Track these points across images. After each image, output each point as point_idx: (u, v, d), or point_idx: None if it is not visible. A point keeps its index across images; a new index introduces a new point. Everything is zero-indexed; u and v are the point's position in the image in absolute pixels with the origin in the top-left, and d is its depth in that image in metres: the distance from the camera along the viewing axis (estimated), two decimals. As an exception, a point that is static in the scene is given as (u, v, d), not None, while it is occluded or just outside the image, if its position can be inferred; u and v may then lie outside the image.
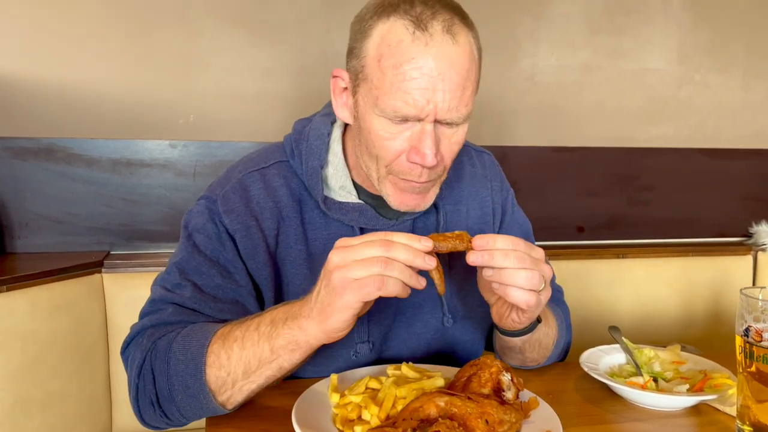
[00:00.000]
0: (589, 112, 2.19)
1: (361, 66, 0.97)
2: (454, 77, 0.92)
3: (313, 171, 1.08)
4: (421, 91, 0.91)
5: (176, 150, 1.81)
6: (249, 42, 1.87)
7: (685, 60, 2.25)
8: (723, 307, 2.10)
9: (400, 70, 0.91)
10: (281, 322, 0.90)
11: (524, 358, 1.14)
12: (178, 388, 0.93)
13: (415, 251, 0.84)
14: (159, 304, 1.03)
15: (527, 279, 0.89)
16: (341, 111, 1.06)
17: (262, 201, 1.08)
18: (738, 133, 2.33)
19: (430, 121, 0.94)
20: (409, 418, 0.84)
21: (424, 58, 0.91)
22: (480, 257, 0.89)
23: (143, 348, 0.98)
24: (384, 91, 0.93)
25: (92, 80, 1.77)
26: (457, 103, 0.94)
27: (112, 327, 1.62)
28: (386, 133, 0.96)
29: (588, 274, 2.00)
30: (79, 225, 1.76)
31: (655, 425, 0.97)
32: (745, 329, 0.91)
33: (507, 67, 2.10)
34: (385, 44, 0.93)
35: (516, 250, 0.89)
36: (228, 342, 0.92)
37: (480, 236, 0.90)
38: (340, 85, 1.04)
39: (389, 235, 0.85)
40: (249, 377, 0.92)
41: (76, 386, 1.54)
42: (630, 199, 2.23)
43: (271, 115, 1.89)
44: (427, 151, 0.94)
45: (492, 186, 1.26)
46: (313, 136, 1.10)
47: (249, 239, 1.06)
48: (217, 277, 1.05)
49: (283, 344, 0.89)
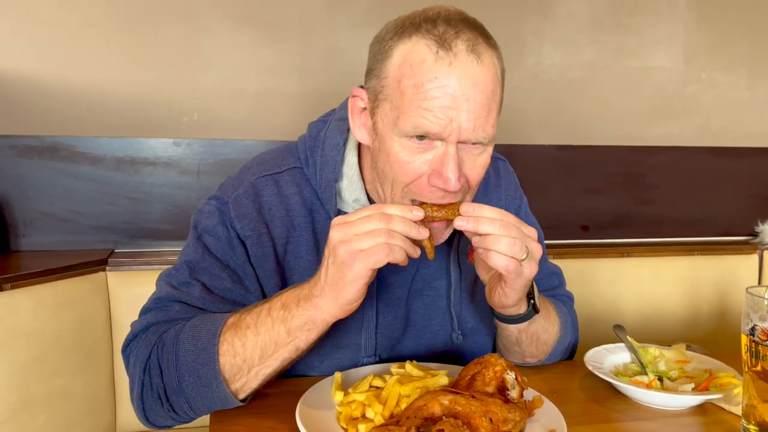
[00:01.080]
0: (594, 111, 2.18)
1: (381, 86, 0.94)
2: (478, 97, 0.89)
3: (327, 184, 1.06)
4: (444, 110, 0.88)
5: (180, 148, 1.81)
6: (253, 40, 1.87)
7: (691, 58, 2.24)
8: (728, 306, 2.09)
9: (422, 89, 0.89)
10: (294, 304, 0.91)
11: (522, 352, 1.13)
12: (188, 379, 0.93)
13: (410, 223, 0.87)
14: (165, 302, 1.03)
15: (509, 245, 0.89)
16: (359, 132, 1.02)
17: (274, 208, 1.07)
18: (744, 132, 2.32)
19: (453, 142, 0.90)
20: (413, 416, 0.84)
21: (447, 77, 0.88)
22: (465, 222, 0.89)
23: (149, 343, 0.97)
24: (404, 110, 0.90)
25: (96, 78, 1.77)
26: (483, 123, 0.91)
27: (116, 325, 1.63)
28: (406, 155, 0.93)
29: (592, 273, 1.99)
30: (83, 223, 1.76)
31: (660, 424, 0.97)
32: (750, 328, 0.90)
33: (512, 66, 2.05)
34: (407, 64, 0.90)
35: (502, 219, 0.90)
36: (240, 329, 0.93)
37: (468, 203, 0.91)
38: (359, 105, 1.01)
39: (383, 207, 0.88)
40: (265, 361, 0.93)
41: (80, 384, 1.54)
42: (635, 197, 2.23)
43: (276, 114, 1.89)
44: (450, 175, 0.90)
45: (506, 195, 1.25)
46: (329, 145, 1.08)
47: (259, 246, 1.06)
48: (227, 280, 1.04)
49: (300, 325, 0.91)
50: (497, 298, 1.01)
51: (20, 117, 1.74)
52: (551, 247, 2.03)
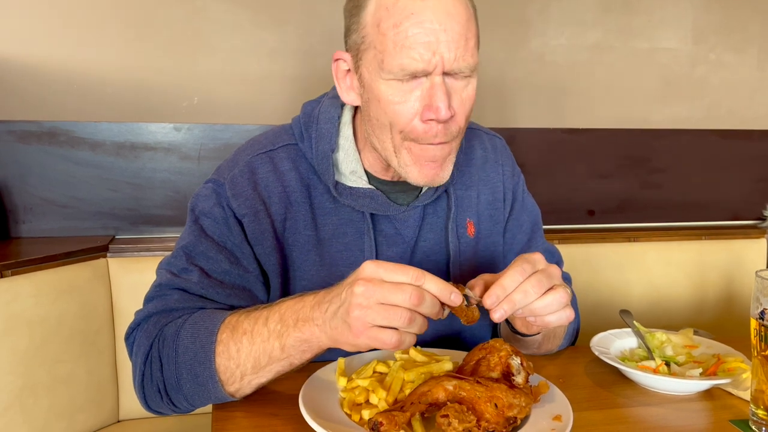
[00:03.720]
0: (601, 93, 2.16)
1: (362, 37, 0.96)
2: (455, 27, 0.92)
3: (323, 155, 1.07)
4: (426, 44, 0.91)
5: (180, 133, 1.79)
6: (254, 22, 1.84)
7: (699, 39, 2.20)
8: (736, 291, 2.08)
9: (401, 28, 0.91)
10: (292, 322, 0.87)
11: (539, 350, 1.12)
12: (186, 376, 0.92)
13: (438, 307, 0.81)
14: (164, 289, 1.02)
15: (557, 301, 0.86)
16: (347, 95, 1.04)
17: (271, 185, 1.07)
18: (753, 114, 2.29)
19: (439, 74, 0.93)
20: (418, 401, 0.83)
21: (422, 12, 0.91)
22: (503, 310, 0.85)
23: (150, 335, 0.97)
24: (388, 53, 0.93)
25: (95, 63, 1.75)
26: (463, 52, 0.93)
27: (118, 311, 1.62)
28: (396, 96, 0.95)
29: (599, 258, 1.98)
30: (84, 209, 1.75)
31: (667, 409, 0.96)
32: (760, 312, 0.89)
33: (517, 48, 2.07)
34: (383, 8, 0.93)
35: (527, 278, 0.86)
36: (237, 334, 0.90)
37: (488, 294, 0.86)
38: (343, 67, 1.03)
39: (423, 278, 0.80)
40: (258, 372, 0.90)
41: (83, 370, 1.54)
42: (642, 181, 2.20)
43: (277, 97, 1.87)
44: (440, 104, 0.93)
45: (503, 171, 1.24)
46: (323, 119, 1.09)
47: (257, 224, 1.05)
48: (224, 262, 1.03)
49: (294, 344, 0.87)
50: (525, 329, 1.00)
51: (19, 102, 1.72)
52: (558, 232, 2.03)
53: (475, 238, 1.18)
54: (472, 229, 1.18)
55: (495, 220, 1.22)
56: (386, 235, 1.11)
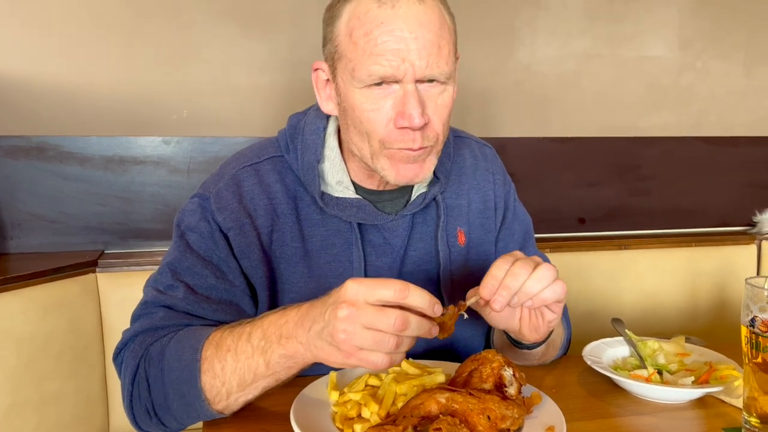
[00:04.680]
0: (589, 102, 2.17)
1: (335, 47, 0.97)
2: (426, 35, 0.92)
3: (309, 166, 1.06)
4: (395, 51, 0.91)
5: (170, 146, 1.79)
6: (243, 35, 1.84)
7: (686, 47, 2.22)
8: (727, 297, 2.08)
9: (371, 36, 0.92)
10: (275, 339, 0.86)
11: (540, 360, 1.12)
12: (173, 395, 0.91)
13: (426, 326, 0.80)
14: (150, 307, 1.01)
15: (546, 275, 0.88)
16: (326, 105, 1.05)
17: (256, 197, 1.06)
18: (740, 121, 2.31)
19: (411, 81, 0.93)
20: (410, 415, 0.82)
21: (393, 20, 0.91)
22: (500, 297, 0.87)
23: (136, 355, 0.96)
24: (358, 61, 0.93)
25: (83, 76, 1.74)
26: (436, 59, 0.93)
27: (107, 327, 1.61)
28: (369, 104, 0.95)
29: (590, 267, 1.98)
30: (73, 224, 1.74)
31: (660, 418, 0.95)
32: (751, 319, 0.89)
33: (505, 57, 2.07)
34: (355, 18, 0.94)
35: (512, 263, 0.88)
36: (221, 351, 0.89)
37: (482, 285, 0.88)
38: (322, 77, 1.04)
39: (407, 291, 0.78)
40: (244, 389, 0.89)
41: (73, 387, 1.53)
42: (631, 189, 2.21)
43: (267, 110, 1.87)
44: (413, 111, 0.93)
45: (494, 179, 1.24)
46: (309, 130, 1.09)
47: (242, 237, 1.04)
48: (210, 277, 1.03)
49: (279, 361, 0.86)
50: (546, 327, 0.98)
51: (6, 117, 1.71)
52: (548, 241, 2.03)
53: (465, 247, 1.18)
54: (463, 237, 1.17)
55: (486, 228, 1.21)
56: (375, 245, 1.10)
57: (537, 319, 0.96)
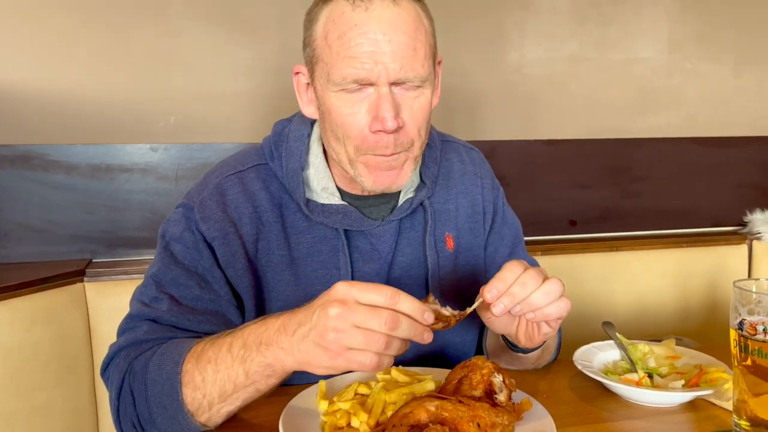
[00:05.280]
0: (579, 104, 2.17)
1: (312, 50, 0.98)
2: (400, 37, 0.92)
3: (293, 173, 1.06)
4: (368, 54, 0.92)
5: (157, 153, 1.77)
6: (229, 40, 1.83)
7: (675, 48, 2.22)
8: (719, 297, 2.09)
9: (345, 39, 0.92)
10: (254, 347, 0.85)
11: (534, 365, 1.12)
12: (156, 410, 0.90)
13: (418, 328, 0.80)
14: (135, 320, 1.01)
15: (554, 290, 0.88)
16: (307, 108, 1.06)
17: (241, 206, 1.06)
18: (730, 121, 2.31)
19: (385, 84, 0.93)
20: (399, 424, 0.82)
21: (366, 23, 0.92)
22: (503, 303, 0.86)
23: (121, 369, 0.95)
24: (333, 64, 0.94)
25: (68, 84, 1.73)
26: (410, 62, 0.93)
27: (96, 337, 1.59)
28: (345, 108, 0.96)
29: (581, 269, 1.98)
30: (60, 233, 1.72)
31: (651, 422, 0.95)
32: (739, 322, 0.89)
33: (494, 61, 2.07)
34: (330, 21, 0.94)
35: (524, 271, 0.87)
36: (201, 362, 0.88)
37: (488, 287, 0.87)
38: (303, 81, 1.05)
39: (398, 297, 0.78)
40: (225, 400, 0.88)
41: (61, 398, 1.51)
42: (622, 190, 2.21)
43: (254, 115, 1.86)
44: (386, 114, 0.93)
45: (483, 183, 1.24)
46: (293, 137, 1.09)
47: (227, 246, 1.04)
48: (195, 288, 1.02)
49: (258, 369, 0.85)
50: (541, 338, 0.98)
51: (-9, 126, 1.69)
52: (539, 243, 2.02)
53: (454, 252, 1.17)
54: (452, 242, 1.17)
55: (475, 233, 1.21)
56: (362, 252, 1.10)
57: (533, 330, 0.96)
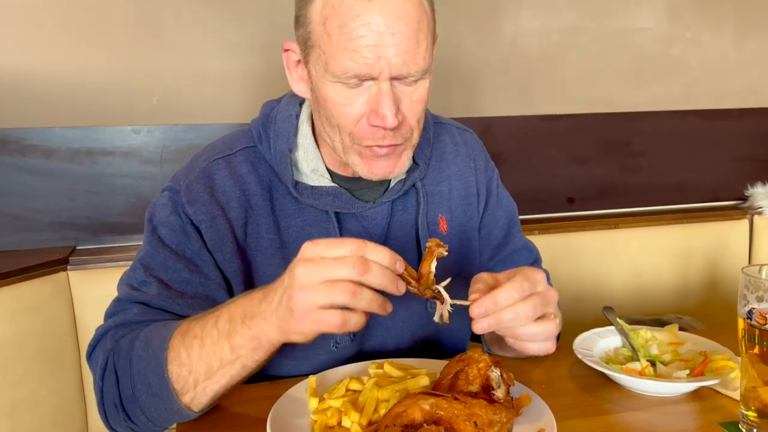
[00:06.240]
0: (576, 76, 2.12)
1: (308, 33, 0.94)
2: (404, 30, 0.89)
3: (281, 155, 1.04)
4: (371, 48, 0.88)
5: (140, 136, 1.73)
6: (214, 16, 1.77)
7: (675, 17, 2.17)
8: (719, 273, 2.07)
9: (345, 30, 0.88)
10: (239, 320, 0.84)
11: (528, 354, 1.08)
12: (141, 387, 0.89)
13: (390, 276, 0.77)
14: (124, 303, 1.00)
15: (544, 333, 0.84)
16: (298, 86, 1.03)
17: (228, 190, 1.04)
18: (731, 91, 2.27)
19: (386, 80, 0.90)
20: (392, 424, 0.78)
21: (369, 14, 0.87)
22: (486, 324, 0.81)
23: (106, 348, 0.94)
24: (332, 54, 0.90)
25: (44, 64, 1.67)
26: (413, 56, 0.90)
27: (82, 327, 1.56)
28: (342, 99, 0.93)
29: (580, 247, 1.96)
30: (41, 220, 1.68)
31: (654, 413, 0.92)
32: (748, 311, 0.85)
33: (489, 33, 2.01)
34: (329, 6, 0.90)
35: (524, 299, 0.81)
36: (187, 339, 0.87)
37: (477, 303, 0.81)
38: (293, 58, 1.01)
39: (364, 247, 0.77)
40: (211, 377, 0.86)
41: (47, 391, 1.49)
42: (621, 166, 2.18)
43: (241, 95, 1.81)
44: (387, 112, 0.91)
45: (476, 165, 1.21)
46: (281, 118, 1.07)
47: (215, 230, 1.02)
48: (184, 271, 1.01)
49: (243, 343, 0.84)
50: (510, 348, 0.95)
51: (-36, 110, 1.64)
52: (537, 222, 1.99)
53: (448, 235, 1.15)
54: (445, 225, 1.15)
55: (468, 215, 1.19)
56: (353, 234, 1.07)
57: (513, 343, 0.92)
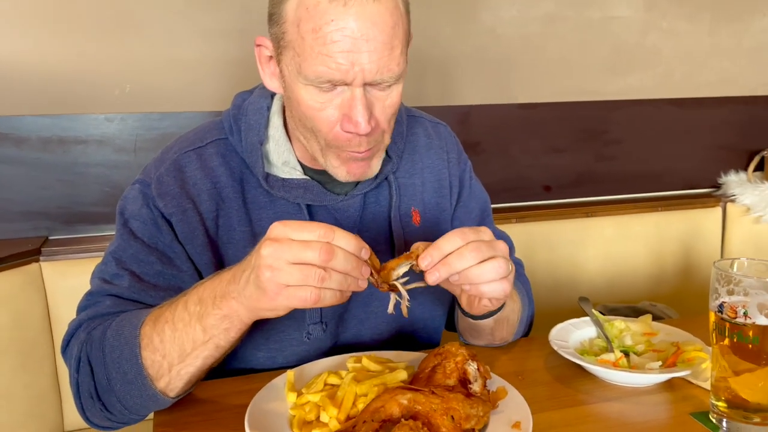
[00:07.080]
0: (553, 65, 2.12)
1: (282, 32, 0.92)
2: (378, 36, 0.87)
3: (252, 147, 1.04)
4: (345, 54, 0.87)
5: (113, 124, 1.69)
6: (187, 2, 1.73)
7: (651, 6, 2.17)
8: (693, 261, 2.11)
9: (320, 34, 0.87)
10: (210, 301, 0.85)
11: (493, 338, 1.10)
12: (115, 376, 0.89)
13: (356, 261, 0.79)
14: (96, 297, 1.00)
15: (495, 270, 0.85)
16: (270, 81, 1.02)
17: (199, 182, 1.04)
18: (706, 80, 2.29)
19: (359, 86, 0.90)
20: (370, 419, 0.79)
21: (344, 18, 0.86)
22: (438, 273, 0.84)
23: (80, 341, 0.94)
24: (306, 58, 0.89)
25: (15, 52, 1.63)
26: (387, 62, 0.89)
27: (55, 319, 1.54)
28: (316, 103, 0.92)
29: (556, 235, 1.97)
30: (12, 210, 1.64)
31: (628, 404, 0.94)
32: (719, 305, 0.86)
33: (466, 21, 2.00)
34: (303, 7, 0.88)
35: (467, 243, 0.84)
36: (159, 324, 0.88)
37: (423, 255, 0.85)
38: (265, 54, 1.00)
39: (332, 233, 0.78)
40: (185, 360, 0.87)
41: (21, 385, 1.47)
42: (597, 154, 2.19)
43: (216, 82, 1.78)
44: (360, 119, 0.90)
45: (449, 158, 1.22)
46: (252, 110, 1.06)
47: (186, 223, 1.02)
48: (156, 263, 1.01)
49: (215, 323, 0.85)
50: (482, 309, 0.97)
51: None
52: (514, 210, 2.00)
53: (421, 227, 1.16)
54: (418, 217, 1.15)
55: (441, 207, 1.19)
56: None
57: (473, 299, 0.96)
